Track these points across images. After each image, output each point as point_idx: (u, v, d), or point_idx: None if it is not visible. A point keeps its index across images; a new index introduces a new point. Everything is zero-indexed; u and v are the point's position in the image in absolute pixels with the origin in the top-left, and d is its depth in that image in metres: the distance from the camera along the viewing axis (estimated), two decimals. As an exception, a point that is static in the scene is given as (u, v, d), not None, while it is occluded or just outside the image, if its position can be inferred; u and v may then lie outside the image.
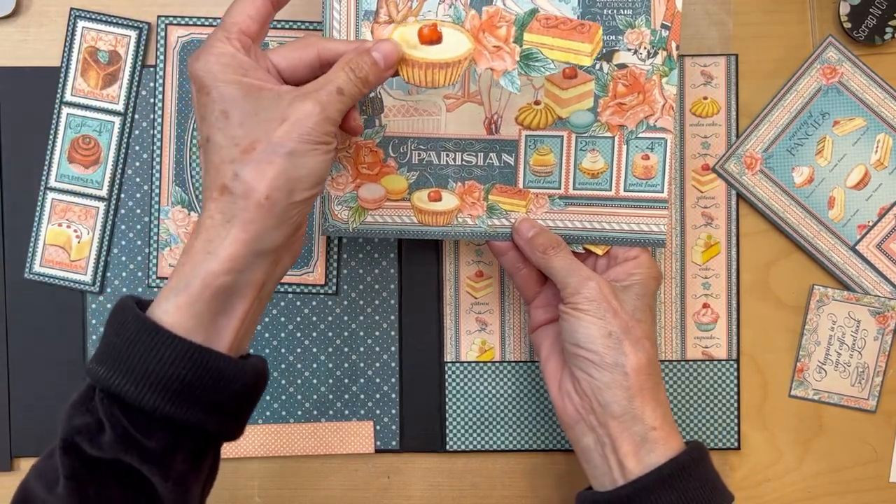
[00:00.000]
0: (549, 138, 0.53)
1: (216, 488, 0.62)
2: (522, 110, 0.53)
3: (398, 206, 0.55)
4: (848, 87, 0.61)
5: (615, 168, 0.54)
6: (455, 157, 0.54)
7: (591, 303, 0.51)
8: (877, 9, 0.61)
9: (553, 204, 0.54)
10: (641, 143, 0.53)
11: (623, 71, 0.52)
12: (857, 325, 0.62)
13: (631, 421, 0.50)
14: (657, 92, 0.52)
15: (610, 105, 0.53)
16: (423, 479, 0.63)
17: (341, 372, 0.62)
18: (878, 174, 0.62)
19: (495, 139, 0.54)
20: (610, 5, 0.52)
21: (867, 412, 0.62)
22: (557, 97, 0.53)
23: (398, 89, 0.53)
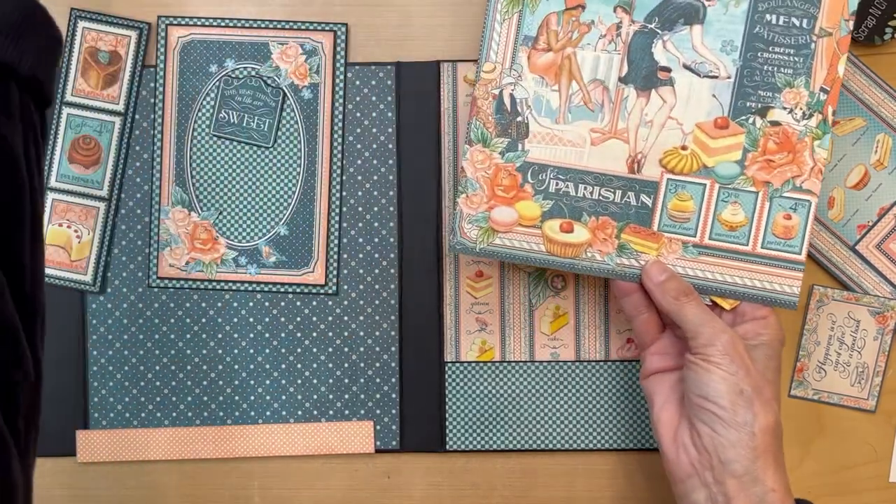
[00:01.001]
0: (692, 185, 0.53)
1: (216, 488, 0.63)
2: (668, 153, 0.53)
3: (528, 233, 0.55)
4: (847, 87, 0.61)
5: (755, 223, 0.54)
6: (593, 191, 0.54)
7: (725, 357, 0.50)
8: (876, 9, 0.61)
9: (686, 251, 0.54)
10: (785, 203, 0.53)
11: (776, 128, 0.53)
12: (857, 325, 0.62)
13: (751, 482, 0.49)
14: (808, 154, 0.53)
15: (758, 160, 0.53)
16: (423, 479, 0.63)
17: (341, 372, 0.62)
18: (877, 174, 0.62)
19: (636, 178, 0.54)
20: (771, 62, 0.52)
21: (867, 412, 0.62)
22: (706, 145, 0.53)
23: (546, 116, 0.54)
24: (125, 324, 0.62)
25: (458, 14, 0.62)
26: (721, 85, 0.53)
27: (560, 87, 0.54)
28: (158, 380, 0.62)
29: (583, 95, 0.54)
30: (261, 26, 0.61)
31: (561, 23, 0.53)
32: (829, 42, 0.52)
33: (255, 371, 0.62)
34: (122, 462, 0.62)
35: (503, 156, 0.54)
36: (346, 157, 0.62)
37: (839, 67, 0.52)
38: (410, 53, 0.62)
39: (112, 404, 0.62)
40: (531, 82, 0.54)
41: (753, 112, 0.53)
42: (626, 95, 0.54)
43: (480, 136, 0.54)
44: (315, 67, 0.62)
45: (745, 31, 0.53)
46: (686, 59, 0.53)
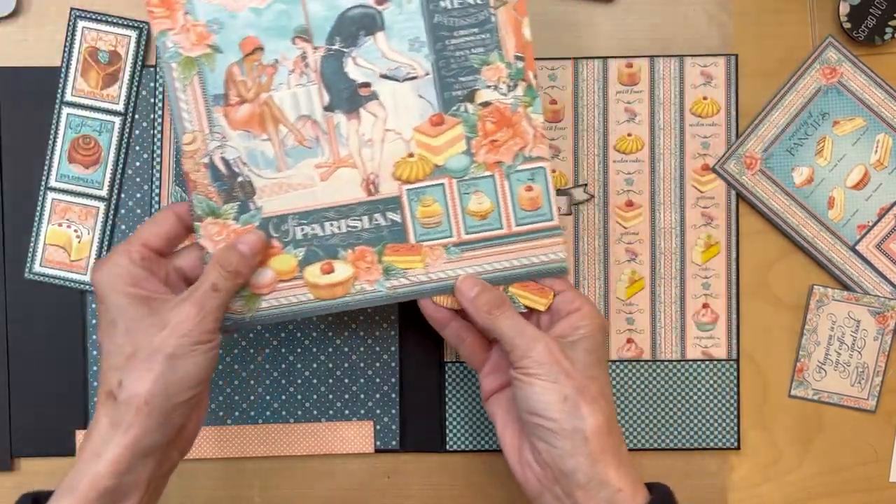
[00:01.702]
0: (431, 188, 0.53)
1: (217, 488, 0.62)
2: (398, 165, 0.52)
3: (292, 286, 0.53)
4: (848, 87, 0.61)
5: (502, 205, 0.53)
6: (339, 225, 0.52)
7: (542, 366, 0.48)
8: (876, 9, 0.61)
9: (449, 253, 0.53)
10: (522, 176, 0.53)
11: (488, 109, 0.52)
12: (857, 325, 0.62)
13: (597, 487, 0.48)
14: (525, 123, 0.52)
15: (483, 144, 0.52)
16: (423, 479, 0.63)
17: (341, 372, 0.62)
18: (877, 174, 0.62)
19: (377, 199, 0.52)
20: (461, 47, 0.52)
21: (867, 412, 0.62)
22: (430, 146, 0.52)
23: (266, 168, 0.52)
24: (125, 324, 0.62)
25: (458, 14, 0.62)
26: (423, 84, 0.52)
27: (269, 134, 0.52)
28: (158, 380, 0.62)
29: (295, 136, 0.52)
30: None
31: (245, 71, 0.51)
32: (506, 10, 0.51)
33: (255, 371, 0.62)
34: (122, 462, 0.62)
35: (238, 220, 0.52)
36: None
37: (524, 32, 0.52)
38: (410, 53, 0.62)
39: (112, 404, 0.62)
40: (238, 139, 0.52)
41: (462, 100, 0.52)
42: (337, 122, 0.52)
43: (208, 208, 0.52)
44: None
45: (426, 24, 0.51)
46: (381, 68, 0.52)
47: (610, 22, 0.62)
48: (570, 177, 0.62)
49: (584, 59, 0.62)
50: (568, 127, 0.62)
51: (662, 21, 0.62)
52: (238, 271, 0.50)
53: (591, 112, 0.62)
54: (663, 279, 0.62)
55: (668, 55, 0.62)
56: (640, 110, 0.62)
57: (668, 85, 0.62)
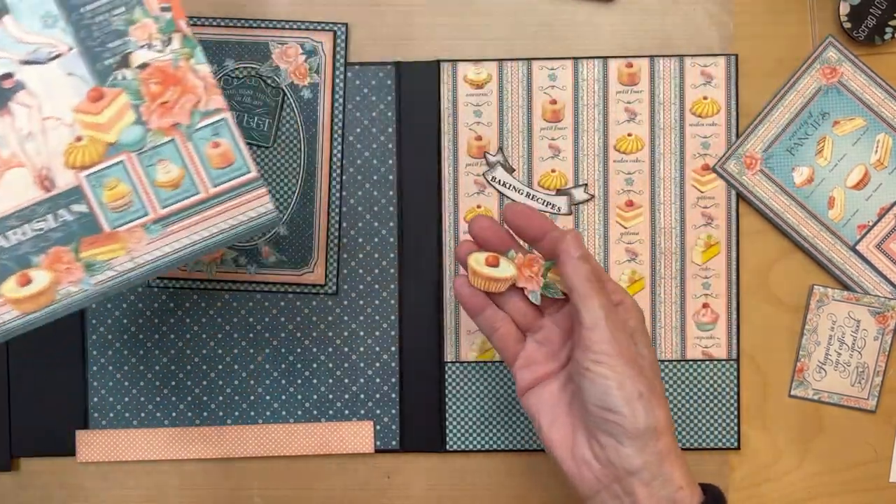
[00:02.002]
0: (111, 168, 0.48)
1: (216, 488, 0.62)
2: (68, 152, 0.48)
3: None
4: (848, 87, 0.61)
5: (192, 169, 0.49)
6: (24, 230, 0.48)
7: (620, 358, 0.46)
8: (877, 9, 0.61)
9: (150, 232, 0.49)
10: (204, 133, 0.49)
11: (148, 70, 0.48)
12: (857, 325, 0.62)
13: (661, 486, 0.46)
14: (192, 76, 0.48)
15: (153, 109, 0.48)
16: (423, 479, 0.63)
17: (341, 372, 0.62)
18: (877, 174, 0.62)
19: (56, 194, 0.48)
20: (100, 11, 0.48)
21: (867, 412, 0.62)
22: (97, 124, 0.48)
23: None
24: (125, 324, 0.62)
25: (458, 14, 0.62)
26: (70, 59, 0.48)
27: None
28: (158, 380, 0.62)
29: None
30: (260, 26, 0.61)
31: None
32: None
33: (255, 371, 0.62)
34: (122, 462, 0.62)
35: None
36: (346, 157, 0.62)
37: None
38: (410, 53, 0.62)
39: (112, 404, 0.62)
40: None
41: (116, 67, 0.48)
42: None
43: None
44: (315, 67, 0.62)
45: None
46: (19, 54, 0.48)
47: (610, 22, 0.62)
48: (570, 177, 0.62)
49: (584, 59, 0.62)
50: (568, 127, 0.62)
51: (662, 21, 0.62)
52: None
53: (591, 112, 0.62)
54: (663, 279, 0.62)
55: (669, 55, 0.62)
56: (640, 110, 0.62)
57: (669, 85, 0.62)
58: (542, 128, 0.62)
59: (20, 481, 0.62)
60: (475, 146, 0.62)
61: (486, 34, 0.62)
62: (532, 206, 0.62)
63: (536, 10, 0.62)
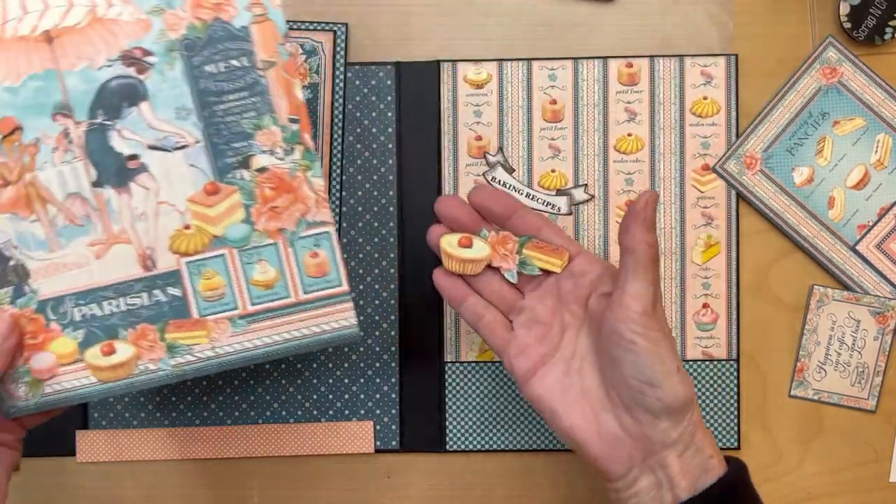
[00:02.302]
0: (211, 260, 0.50)
1: (216, 488, 0.62)
2: (174, 238, 0.50)
3: (74, 370, 0.51)
4: (848, 87, 0.61)
5: (287, 273, 0.51)
6: (118, 303, 0.50)
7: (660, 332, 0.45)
8: (877, 9, 0.61)
9: (235, 326, 0.51)
10: (306, 242, 0.51)
11: (265, 174, 0.50)
12: (857, 325, 0.62)
13: (692, 455, 0.46)
14: (306, 188, 0.50)
15: (263, 212, 0.50)
16: (423, 479, 0.63)
17: (341, 372, 0.62)
18: (877, 174, 0.62)
19: (155, 274, 0.50)
20: (231, 111, 0.49)
21: (867, 412, 0.62)
22: (206, 216, 0.50)
23: (38, 249, 0.50)
24: (125, 324, 0.62)
25: (458, 14, 0.62)
26: (194, 152, 0.50)
27: (38, 215, 0.50)
28: (158, 380, 0.62)
29: (65, 215, 0.50)
30: None
31: (5, 153, 0.49)
32: (276, 72, 0.49)
33: (255, 371, 0.62)
34: (122, 462, 0.62)
35: (14, 304, 0.50)
36: (346, 157, 0.62)
37: (297, 93, 0.50)
38: (410, 53, 0.62)
39: (111, 404, 0.62)
40: (6, 222, 0.50)
41: (237, 167, 0.50)
42: (108, 198, 0.50)
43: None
44: (315, 67, 0.62)
45: (191, 90, 0.49)
46: (148, 139, 0.50)
47: (610, 22, 0.62)
48: (570, 177, 0.62)
49: (584, 59, 0.62)
50: (568, 127, 0.62)
51: (662, 21, 0.62)
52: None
53: (591, 112, 0.62)
54: (663, 279, 0.62)
55: (669, 55, 0.62)
56: (640, 110, 0.62)
57: (669, 85, 0.62)
58: (542, 128, 0.62)
59: (21, 481, 0.62)
60: (475, 146, 0.62)
61: (486, 34, 0.62)
62: (532, 206, 0.62)
63: (536, 10, 0.62)
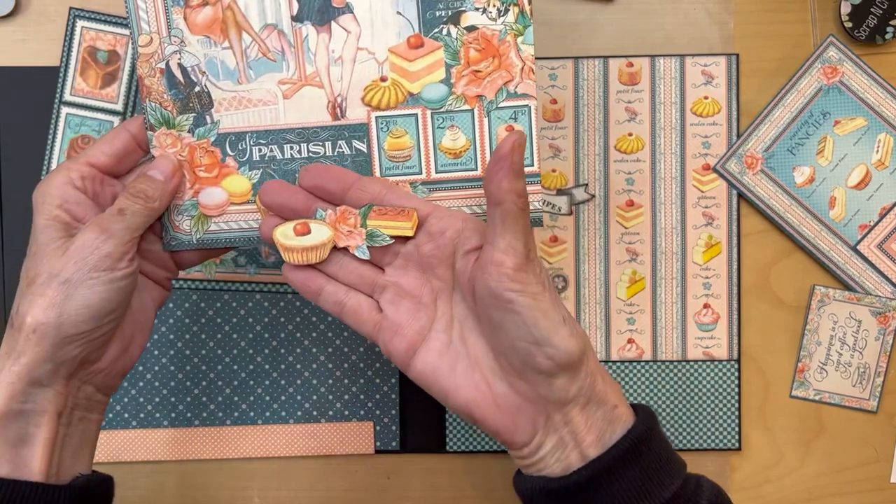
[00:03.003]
0: (403, 118, 0.47)
1: (216, 488, 0.62)
2: (368, 89, 0.47)
3: (244, 210, 0.48)
4: (849, 86, 0.61)
5: (479, 144, 0.47)
6: (300, 149, 0.48)
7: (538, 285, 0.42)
8: (878, 8, 0.60)
9: (416, 191, 0.48)
10: (504, 114, 0.47)
11: (473, 34, 0.46)
12: (858, 326, 0.62)
13: (595, 407, 0.43)
14: (514, 54, 0.47)
15: (464, 74, 0.47)
16: (423, 480, 0.63)
17: (341, 372, 0.62)
18: (879, 174, 0.61)
19: (342, 124, 0.47)
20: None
21: (868, 412, 0.62)
22: (405, 70, 0.47)
23: (226, 79, 0.47)
24: (124, 324, 0.62)
25: (459, 13, 0.62)
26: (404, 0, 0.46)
27: (231, 42, 0.47)
28: (157, 380, 0.62)
29: (259, 47, 0.47)
30: None
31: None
32: None
33: (255, 371, 0.62)
34: (122, 462, 0.62)
35: (193, 133, 0.48)
36: (345, 157, 0.62)
37: None
38: (410, 53, 0.62)
39: (111, 405, 0.62)
40: (197, 45, 0.47)
41: (445, 21, 0.46)
42: (306, 35, 0.47)
43: (161, 118, 0.47)
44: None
45: None
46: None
47: (610, 21, 0.62)
48: (571, 177, 0.62)
49: (585, 58, 0.62)
50: (568, 127, 0.62)
51: (663, 20, 0.62)
52: (147, 194, 0.46)
53: (591, 112, 0.62)
54: (664, 279, 0.62)
55: (669, 55, 0.62)
56: (640, 110, 0.62)
57: (669, 84, 0.62)
58: (543, 127, 0.62)
59: (19, 482, 0.62)
60: (475, 146, 0.62)
61: (486, 34, 0.62)
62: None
63: (536, 10, 0.62)
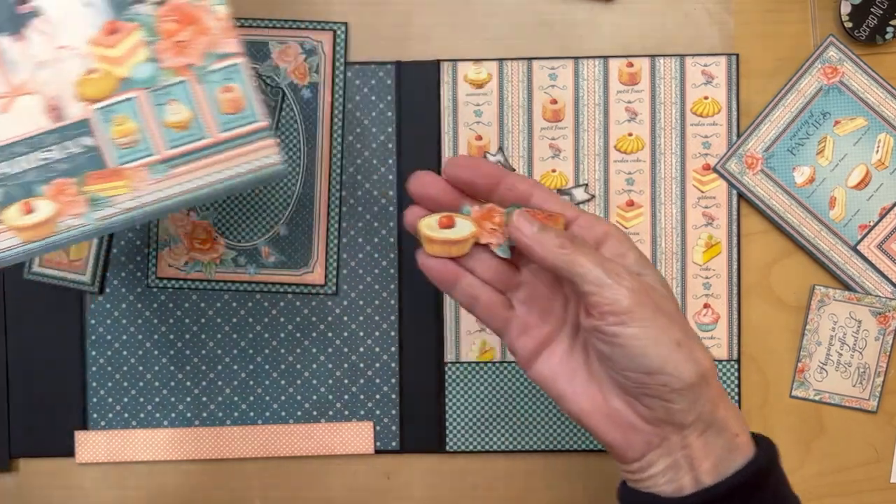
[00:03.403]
0: (121, 104, 0.47)
1: (216, 489, 0.62)
2: (80, 84, 0.47)
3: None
4: (849, 86, 0.61)
5: (201, 112, 0.48)
6: (30, 159, 0.47)
7: (643, 308, 0.40)
8: (878, 8, 0.60)
9: (155, 172, 0.48)
10: (217, 77, 0.47)
11: (165, 7, 0.47)
12: (858, 326, 0.62)
13: (716, 434, 0.42)
14: (209, 18, 0.47)
15: (168, 47, 0.47)
16: (423, 480, 0.63)
17: (341, 372, 0.62)
18: (879, 174, 0.61)
19: (65, 125, 0.47)
20: None
21: (868, 413, 0.62)
22: (110, 57, 0.47)
23: None
24: (124, 324, 0.62)
25: (458, 14, 0.62)
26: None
27: None
28: (157, 380, 0.62)
29: None
30: (260, 25, 0.61)
31: None
32: None
33: (255, 371, 0.62)
34: (122, 463, 0.62)
35: None
36: (345, 157, 0.62)
37: None
38: (410, 53, 0.62)
39: (111, 405, 0.62)
40: None
41: (133, 2, 0.47)
42: (4, 47, 0.46)
43: None
44: (314, 67, 0.62)
45: None
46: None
47: (610, 21, 0.62)
48: (571, 177, 0.62)
49: (585, 58, 0.62)
50: (568, 127, 0.62)
51: (663, 20, 0.62)
52: None
53: (591, 112, 0.62)
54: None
55: (669, 55, 0.62)
56: (640, 110, 0.62)
57: (669, 84, 0.62)
58: (543, 127, 0.62)
59: (20, 481, 0.62)
60: (475, 146, 0.62)
61: (486, 34, 0.62)
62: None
63: (536, 10, 0.62)
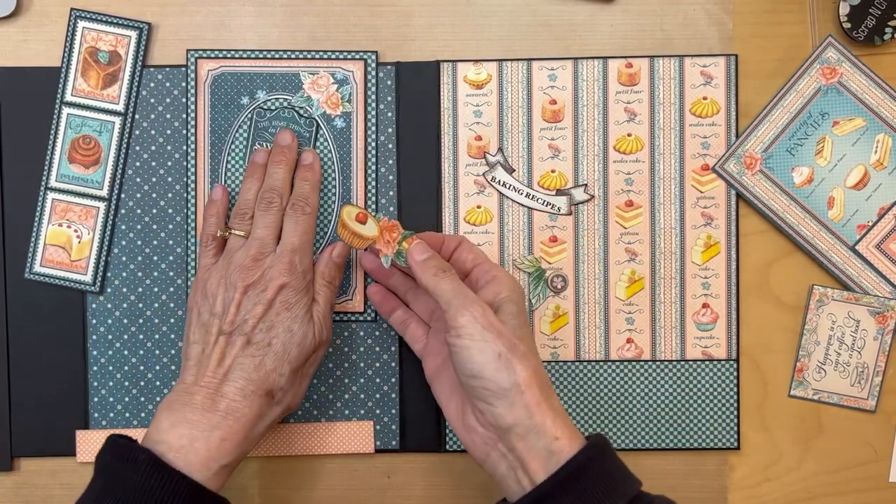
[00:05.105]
0: None
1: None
2: None
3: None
4: (847, 87, 0.61)
5: None
6: None
7: (476, 325, 0.51)
8: (876, 9, 0.61)
9: None
10: None
11: None
12: (857, 325, 0.62)
13: (535, 437, 0.50)
14: None
15: None
16: (423, 479, 0.63)
17: (341, 372, 0.62)
18: (877, 174, 0.62)
19: None
20: None
21: (867, 412, 0.62)
22: None
23: None
24: (125, 324, 0.62)
25: (458, 14, 0.62)
26: None
27: None
28: (158, 380, 0.62)
29: None
30: (291, 57, 0.61)
31: None
32: None
33: (255, 371, 0.62)
34: (122, 462, 0.62)
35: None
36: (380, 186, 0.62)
37: None
38: (410, 53, 0.62)
39: (112, 404, 0.62)
40: None
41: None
42: None
43: None
44: (347, 96, 0.61)
45: None
46: None
47: (610, 22, 0.62)
48: (570, 177, 0.62)
49: (584, 59, 0.62)
50: (568, 127, 0.62)
51: (662, 21, 0.62)
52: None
53: (590, 112, 0.62)
54: (663, 279, 0.62)
55: (668, 55, 0.62)
56: (639, 110, 0.62)
57: (668, 85, 0.62)
58: (542, 128, 0.62)
59: (20, 481, 0.62)
60: (475, 146, 0.62)
61: (486, 34, 0.62)
62: (532, 206, 0.62)
63: (536, 10, 0.62)
